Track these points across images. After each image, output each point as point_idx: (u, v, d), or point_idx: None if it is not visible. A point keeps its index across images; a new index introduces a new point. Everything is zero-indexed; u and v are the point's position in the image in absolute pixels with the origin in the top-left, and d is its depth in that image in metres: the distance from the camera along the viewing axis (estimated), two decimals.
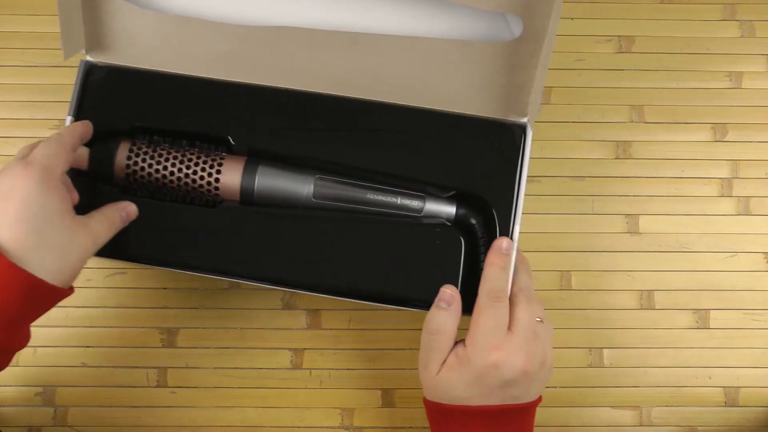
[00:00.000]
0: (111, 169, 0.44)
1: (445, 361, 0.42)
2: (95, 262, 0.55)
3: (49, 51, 0.58)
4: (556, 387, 0.55)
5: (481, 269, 0.43)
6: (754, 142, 0.58)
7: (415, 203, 0.44)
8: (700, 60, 0.58)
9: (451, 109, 0.46)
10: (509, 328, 0.41)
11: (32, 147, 0.40)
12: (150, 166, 0.44)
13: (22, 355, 0.54)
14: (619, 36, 0.60)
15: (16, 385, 0.54)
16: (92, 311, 0.55)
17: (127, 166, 0.44)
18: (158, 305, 0.55)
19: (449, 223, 0.45)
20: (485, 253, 0.43)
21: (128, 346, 0.55)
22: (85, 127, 0.44)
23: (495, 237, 0.44)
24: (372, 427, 0.54)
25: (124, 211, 0.43)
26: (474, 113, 0.46)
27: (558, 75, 0.59)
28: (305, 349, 0.55)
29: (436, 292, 0.43)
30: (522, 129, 0.45)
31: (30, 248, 0.36)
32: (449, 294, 0.43)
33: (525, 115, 0.46)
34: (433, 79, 0.46)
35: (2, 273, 0.35)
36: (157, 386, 0.54)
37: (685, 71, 0.59)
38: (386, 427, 0.54)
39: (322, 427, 0.54)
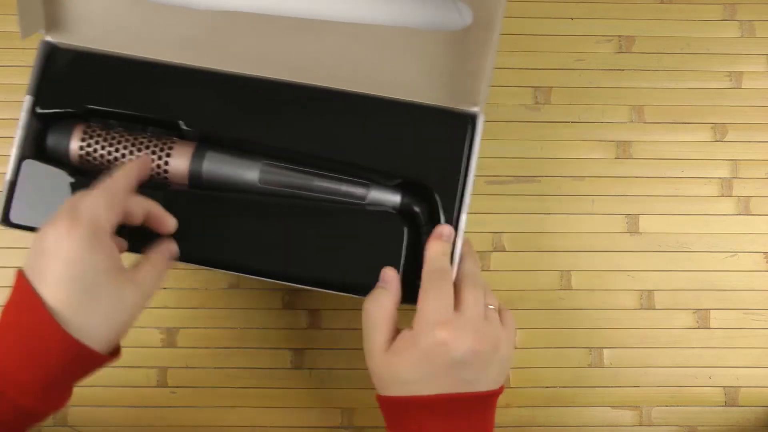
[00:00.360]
0: (66, 151, 0.45)
1: (390, 346, 0.41)
2: None
3: None
4: (556, 387, 0.55)
5: (423, 257, 0.43)
6: (754, 142, 0.58)
7: (359, 191, 0.45)
8: (700, 60, 0.58)
9: (402, 97, 0.46)
10: (456, 308, 0.40)
11: (82, 197, 0.37)
12: (103, 148, 0.45)
13: None
14: (619, 36, 0.60)
15: None
16: None
17: (81, 148, 0.45)
18: (158, 305, 0.55)
19: (394, 211, 0.45)
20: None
21: (128, 346, 0.55)
22: (141, 168, 0.42)
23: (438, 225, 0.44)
24: (372, 427, 0.54)
25: (169, 252, 0.42)
26: (424, 101, 0.46)
27: (558, 75, 0.59)
28: (305, 349, 0.55)
29: (376, 279, 0.43)
30: (472, 118, 0.45)
31: (75, 311, 0.35)
32: (389, 275, 0.42)
33: (476, 104, 0.45)
34: (383, 66, 0.46)
35: (46, 334, 0.34)
36: (157, 386, 0.54)
37: (685, 71, 0.59)
38: (386, 427, 0.54)
39: (322, 427, 0.54)
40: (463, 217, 0.44)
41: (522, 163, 0.57)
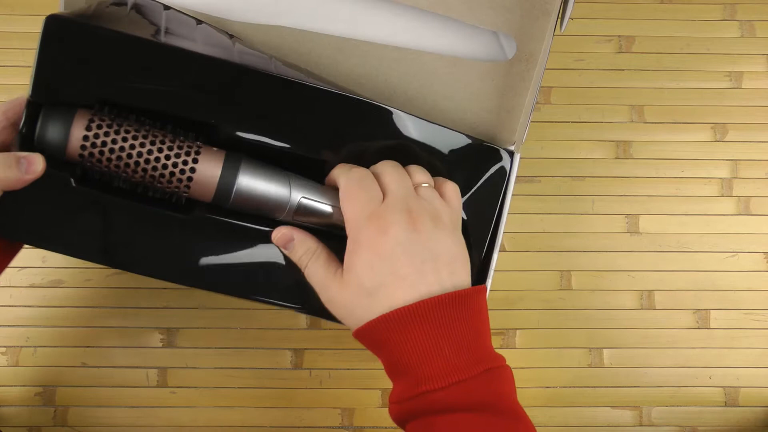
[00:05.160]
0: (63, 143, 0.36)
1: (339, 268, 0.38)
2: None
3: None
4: (556, 387, 0.55)
5: None
6: (754, 142, 0.58)
7: None
8: (700, 60, 0.58)
9: (440, 124, 0.44)
10: (383, 200, 0.37)
11: None
12: (114, 143, 0.36)
13: (22, 355, 0.54)
14: (619, 36, 0.60)
15: (16, 385, 0.54)
16: (92, 311, 0.55)
17: (85, 139, 0.36)
18: (158, 305, 0.55)
19: None
20: None
21: (128, 346, 0.55)
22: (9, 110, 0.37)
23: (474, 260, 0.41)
24: (372, 427, 0.54)
25: (25, 159, 0.36)
26: (462, 131, 0.44)
27: (558, 75, 0.59)
28: (305, 349, 0.55)
29: None
30: (510, 155, 0.43)
31: None
32: (282, 233, 0.39)
33: (512, 143, 0.44)
34: (423, 92, 0.45)
35: None
36: (157, 386, 0.54)
37: (685, 71, 0.59)
38: (386, 427, 0.54)
39: (322, 427, 0.54)
40: (494, 257, 0.42)
41: (522, 163, 0.57)
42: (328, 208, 0.39)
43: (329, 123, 0.41)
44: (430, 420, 0.34)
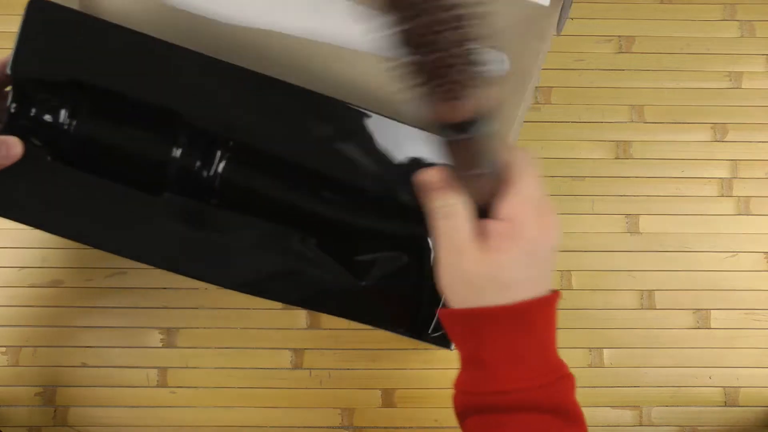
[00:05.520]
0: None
1: (484, 242, 0.33)
2: (95, 261, 0.55)
3: None
4: None
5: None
6: (754, 142, 0.58)
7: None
8: (700, 60, 0.58)
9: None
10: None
11: None
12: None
13: (22, 355, 0.54)
14: (619, 36, 0.60)
15: (16, 385, 0.54)
16: (92, 311, 0.55)
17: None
18: (158, 305, 0.55)
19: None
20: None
21: (128, 346, 0.55)
22: None
23: None
24: (372, 427, 0.54)
25: (4, 145, 0.37)
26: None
27: (558, 75, 0.59)
28: (305, 349, 0.55)
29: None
30: None
31: None
32: (431, 175, 0.35)
33: None
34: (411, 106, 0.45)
35: None
36: (157, 386, 0.54)
37: (685, 71, 0.59)
38: (386, 427, 0.54)
39: (322, 427, 0.54)
40: None
41: None
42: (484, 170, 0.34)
43: (292, 117, 0.41)
44: (498, 418, 0.33)
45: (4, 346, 0.55)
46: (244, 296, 0.55)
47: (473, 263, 0.33)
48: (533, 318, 0.34)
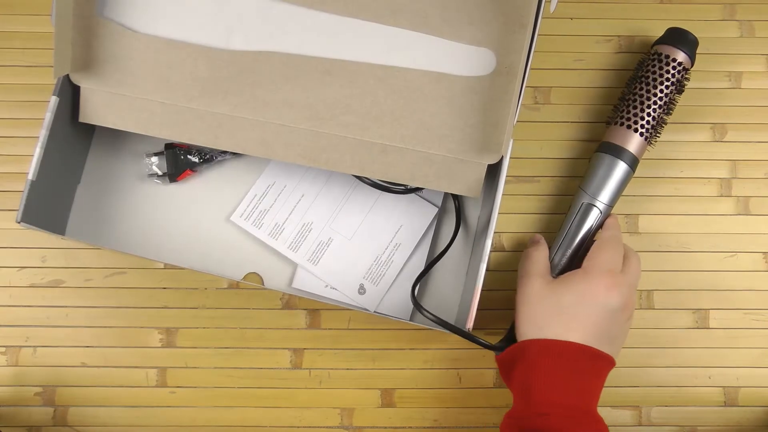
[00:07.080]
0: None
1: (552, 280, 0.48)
2: (95, 261, 0.55)
3: (49, 51, 0.58)
4: None
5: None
6: (754, 142, 0.58)
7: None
8: (700, 60, 0.58)
9: (425, 149, 0.48)
10: (622, 270, 0.48)
11: None
12: None
13: (22, 355, 0.54)
14: (619, 36, 0.60)
15: (16, 385, 0.54)
16: (92, 311, 0.55)
17: None
18: (158, 305, 0.55)
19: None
20: None
21: (128, 346, 0.55)
22: None
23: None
24: (371, 427, 0.54)
25: None
26: (447, 154, 0.48)
27: (558, 75, 0.59)
28: (305, 349, 0.55)
29: None
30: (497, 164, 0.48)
31: None
32: (538, 236, 0.53)
33: (499, 156, 0.48)
34: (409, 107, 0.47)
35: None
36: (157, 386, 0.54)
37: None
38: (386, 427, 0.54)
39: (321, 427, 0.54)
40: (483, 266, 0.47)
41: (522, 163, 0.57)
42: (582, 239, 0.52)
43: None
44: None
45: (4, 346, 0.55)
46: (244, 296, 0.55)
47: (540, 288, 0.47)
48: (581, 357, 0.46)
